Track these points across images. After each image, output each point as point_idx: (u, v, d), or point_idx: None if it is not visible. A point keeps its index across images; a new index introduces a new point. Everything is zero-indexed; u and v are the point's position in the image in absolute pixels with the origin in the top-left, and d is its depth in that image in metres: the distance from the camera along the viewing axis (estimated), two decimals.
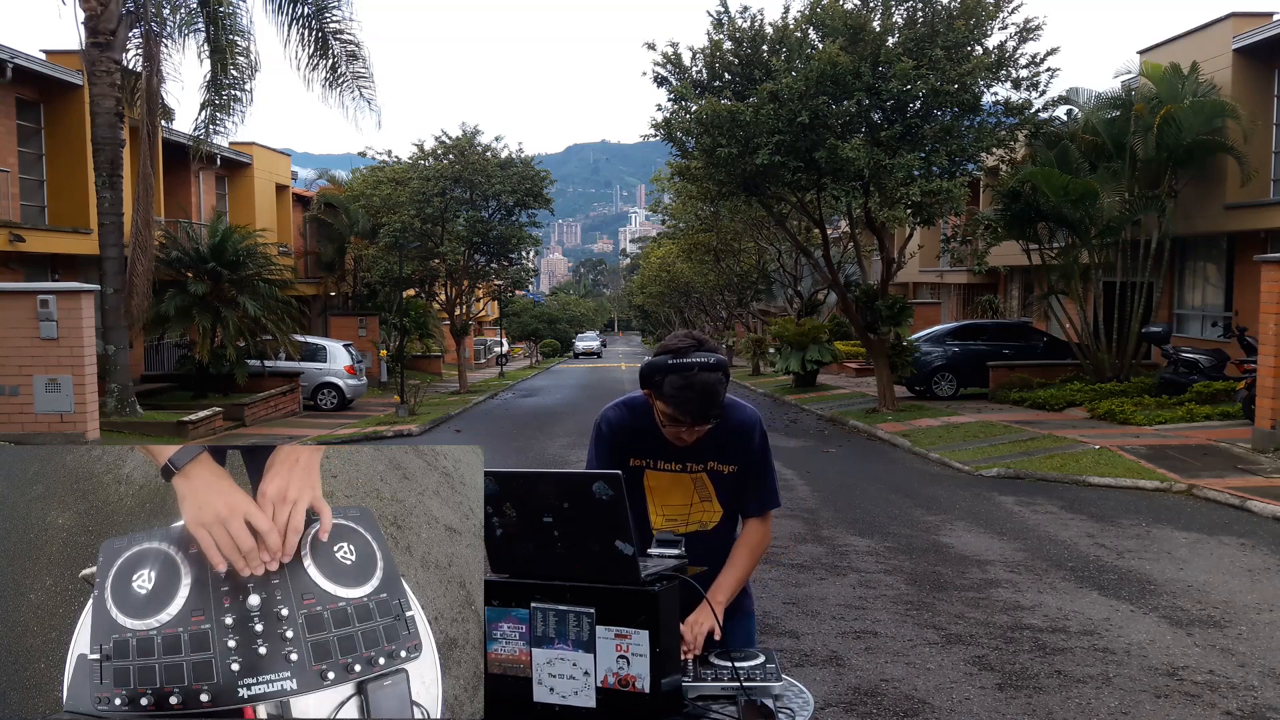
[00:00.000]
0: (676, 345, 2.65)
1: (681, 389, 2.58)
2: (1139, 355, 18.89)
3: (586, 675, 2.21)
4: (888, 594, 6.88)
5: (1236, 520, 9.25)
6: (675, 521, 2.87)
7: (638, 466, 2.85)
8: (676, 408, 2.60)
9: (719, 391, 2.61)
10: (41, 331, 13.52)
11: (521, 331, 62.48)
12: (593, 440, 2.91)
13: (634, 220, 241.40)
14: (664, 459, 2.82)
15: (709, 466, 2.84)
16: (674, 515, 2.87)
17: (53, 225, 18.37)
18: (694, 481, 2.85)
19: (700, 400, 2.58)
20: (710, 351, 2.63)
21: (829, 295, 28.93)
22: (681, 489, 2.86)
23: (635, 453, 2.84)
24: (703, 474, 2.84)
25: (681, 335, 2.69)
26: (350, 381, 23.16)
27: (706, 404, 2.59)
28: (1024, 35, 16.80)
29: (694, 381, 2.57)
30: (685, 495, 2.87)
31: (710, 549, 2.85)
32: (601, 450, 2.88)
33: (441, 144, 27.66)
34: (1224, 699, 4.94)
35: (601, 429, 2.88)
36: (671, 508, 2.87)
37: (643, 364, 2.70)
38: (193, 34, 17.86)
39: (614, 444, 2.85)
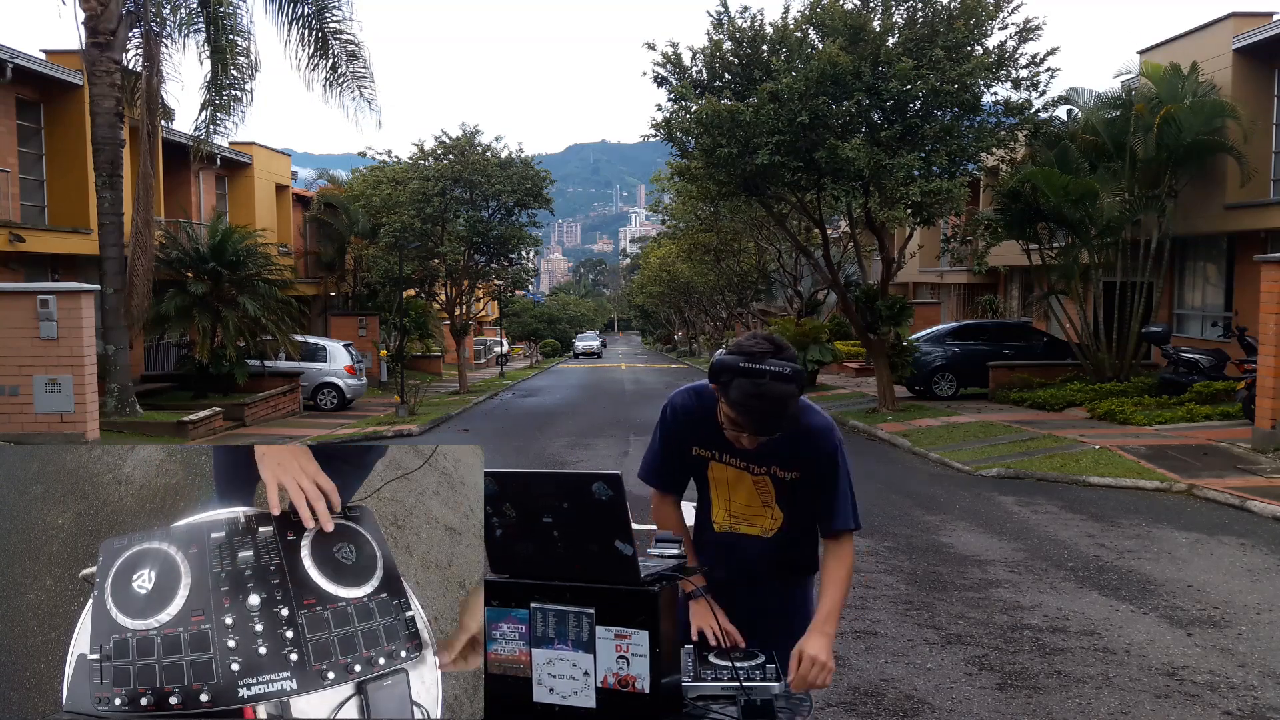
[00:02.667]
0: (751, 348, 2.46)
1: (750, 397, 2.42)
2: (1139, 355, 18.89)
3: (586, 675, 2.21)
4: (888, 594, 6.88)
5: (1236, 520, 9.25)
6: (737, 519, 2.76)
7: (702, 457, 2.74)
8: (741, 415, 2.46)
9: (789, 405, 2.44)
10: (41, 331, 13.52)
11: (521, 331, 62.47)
12: (657, 424, 2.81)
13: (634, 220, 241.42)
14: (729, 453, 2.68)
15: (772, 470, 2.69)
16: (738, 513, 2.77)
17: (53, 225, 18.37)
18: (755, 484, 2.73)
19: (767, 412, 2.42)
20: (787, 360, 2.44)
21: (829, 295, 28.94)
22: (745, 488, 2.74)
23: (700, 442, 2.72)
24: (765, 477, 2.71)
25: (759, 338, 2.50)
26: (350, 381, 23.16)
27: (774, 417, 2.44)
28: (1024, 35, 16.81)
29: (764, 391, 2.40)
30: (748, 495, 2.74)
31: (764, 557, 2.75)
32: (666, 435, 2.78)
33: (441, 144, 27.65)
34: (1224, 699, 4.94)
35: (666, 414, 2.78)
36: (736, 505, 2.76)
37: (714, 359, 2.52)
38: (193, 34, 17.88)
39: (677, 431, 2.74)
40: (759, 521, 2.75)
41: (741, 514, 2.76)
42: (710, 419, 2.62)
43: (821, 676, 2.41)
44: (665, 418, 2.78)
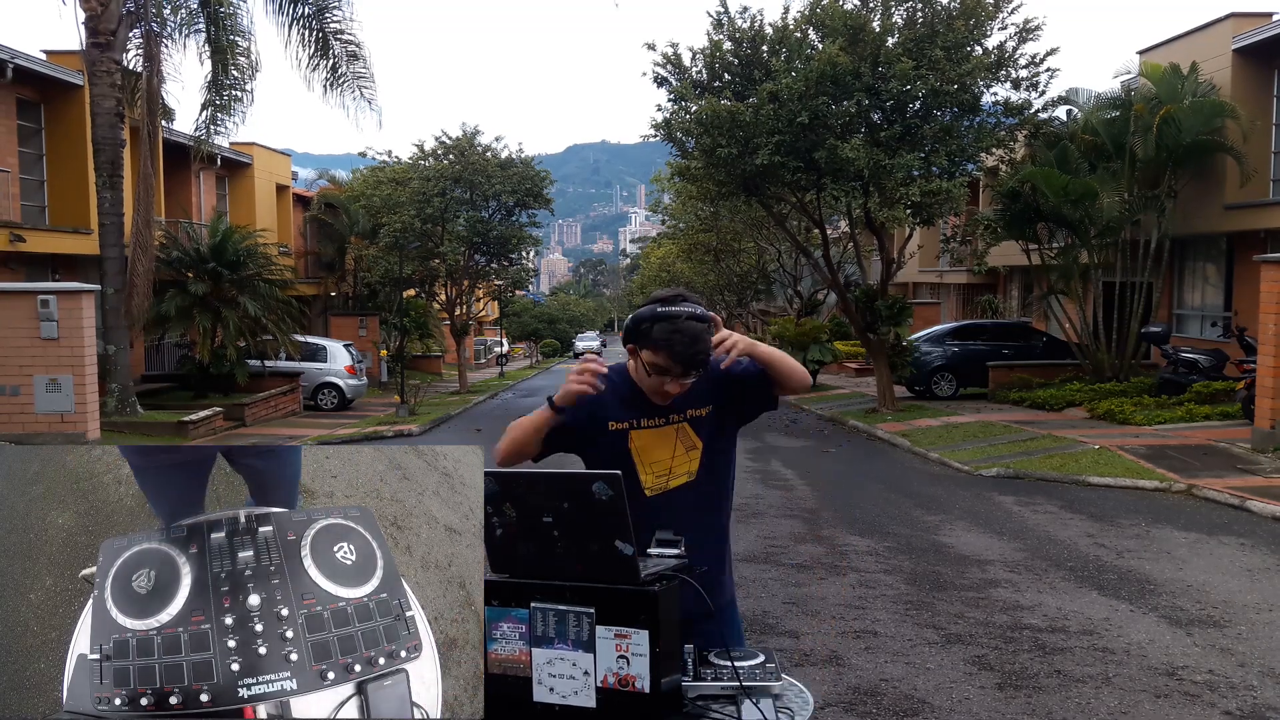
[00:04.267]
0: (663, 295, 2.70)
1: (671, 334, 2.62)
2: (1138, 355, 18.90)
3: (586, 675, 2.21)
4: (887, 594, 6.89)
5: (1236, 520, 9.26)
6: (663, 477, 2.86)
7: (620, 430, 2.84)
8: (665, 354, 2.63)
9: (706, 340, 2.63)
10: (42, 331, 13.53)
11: (521, 331, 62.49)
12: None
13: (634, 220, 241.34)
14: (645, 415, 2.83)
15: (687, 414, 2.85)
16: (662, 471, 2.86)
17: (53, 225, 18.37)
18: (677, 432, 2.86)
19: (689, 346, 2.61)
20: (695, 304, 2.67)
21: (829, 295, 28.94)
22: (666, 443, 2.85)
23: (615, 415, 2.84)
24: (684, 423, 2.85)
25: (668, 289, 2.75)
26: (350, 381, 23.17)
27: (695, 351, 2.62)
28: (1024, 35, 16.81)
29: (682, 328, 2.61)
30: (668, 448, 2.86)
31: (699, 502, 2.85)
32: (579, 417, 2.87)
33: (442, 144, 27.67)
34: (1223, 699, 4.94)
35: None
36: (659, 464, 2.86)
37: (629, 317, 2.73)
38: (193, 34, 17.92)
39: (590, 413, 2.83)
40: (684, 468, 2.86)
41: (667, 470, 2.86)
42: (623, 389, 2.81)
43: (732, 347, 2.60)
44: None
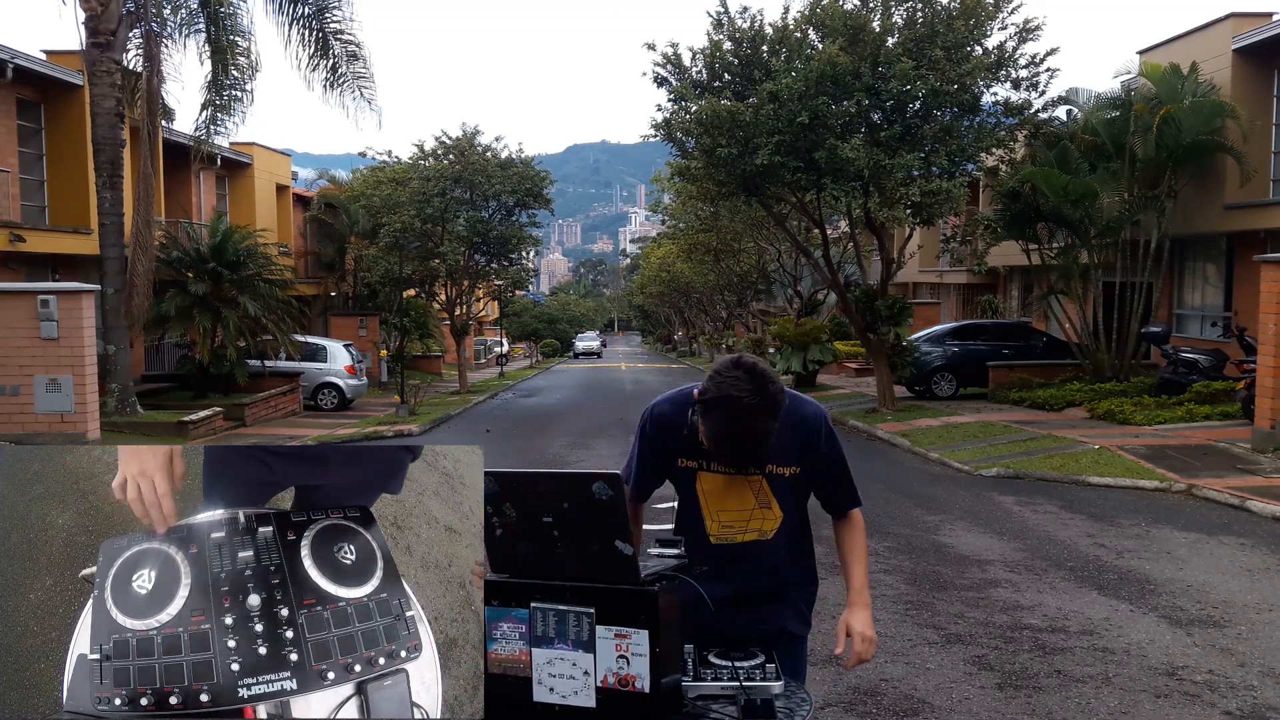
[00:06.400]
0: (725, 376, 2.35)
1: (725, 433, 2.34)
2: (1138, 355, 18.89)
3: (586, 675, 2.21)
4: (888, 594, 6.88)
5: (1236, 520, 9.25)
6: (732, 529, 2.65)
7: (689, 468, 2.64)
8: (716, 449, 2.40)
9: (766, 441, 2.36)
10: (42, 331, 13.52)
11: (521, 331, 62.48)
12: (637, 434, 2.70)
13: (634, 220, 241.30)
14: (718, 459, 2.57)
15: (767, 470, 2.60)
16: (730, 522, 2.65)
17: (53, 225, 18.37)
18: (751, 486, 2.62)
19: (744, 447, 2.37)
20: (760, 386, 2.32)
21: (829, 295, 28.93)
22: (738, 494, 2.62)
23: (686, 453, 2.61)
24: (760, 477, 2.61)
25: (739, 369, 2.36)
26: (350, 381, 23.16)
27: (751, 452, 2.39)
28: (1024, 35, 16.80)
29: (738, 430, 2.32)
30: (742, 501, 2.63)
31: (770, 557, 2.67)
32: (644, 450, 2.68)
33: (441, 144, 27.67)
34: (1223, 699, 4.94)
35: (646, 427, 2.67)
36: (728, 513, 2.64)
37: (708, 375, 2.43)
38: (193, 34, 17.92)
39: (659, 444, 2.64)
40: (756, 525, 2.65)
41: (734, 523, 2.65)
42: (694, 430, 2.51)
43: (869, 650, 2.48)
44: (645, 430, 2.68)
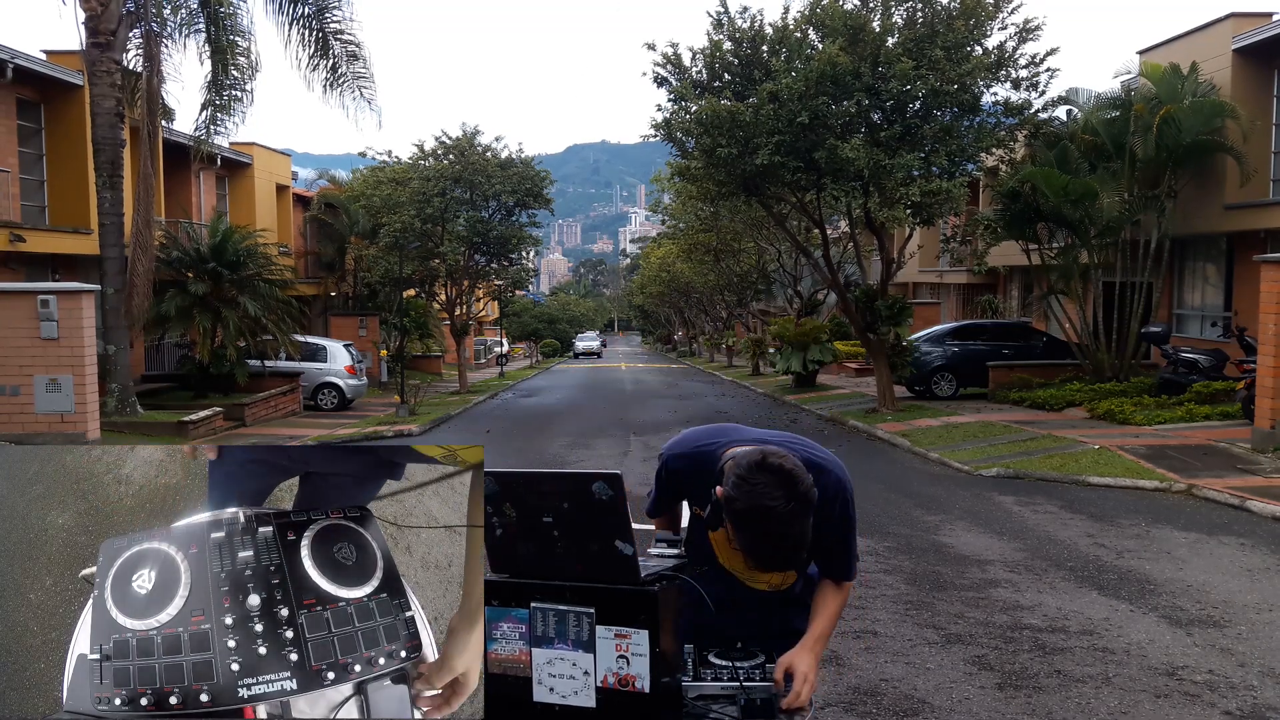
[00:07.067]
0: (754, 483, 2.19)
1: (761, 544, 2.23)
2: (1138, 355, 18.89)
3: (586, 675, 2.21)
4: (888, 594, 6.88)
5: (1236, 520, 9.25)
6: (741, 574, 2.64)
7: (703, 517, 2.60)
8: (753, 559, 2.29)
9: (803, 547, 2.25)
10: (42, 331, 13.52)
11: (521, 331, 62.47)
12: (655, 479, 2.75)
13: (634, 220, 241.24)
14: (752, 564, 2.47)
15: None
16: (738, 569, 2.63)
17: (53, 225, 18.37)
18: None
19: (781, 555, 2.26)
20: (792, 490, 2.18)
21: (829, 295, 28.93)
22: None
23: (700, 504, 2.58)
24: None
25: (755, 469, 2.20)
26: (350, 381, 23.16)
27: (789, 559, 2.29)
28: (1024, 35, 16.80)
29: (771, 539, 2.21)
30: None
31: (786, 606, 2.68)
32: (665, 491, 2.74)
33: (441, 144, 27.67)
34: (1223, 699, 4.94)
35: (663, 475, 2.72)
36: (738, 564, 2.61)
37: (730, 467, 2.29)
38: (193, 34, 17.91)
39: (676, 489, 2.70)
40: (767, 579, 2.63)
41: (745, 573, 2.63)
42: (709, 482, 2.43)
43: (807, 695, 2.36)
44: (662, 477, 2.73)
